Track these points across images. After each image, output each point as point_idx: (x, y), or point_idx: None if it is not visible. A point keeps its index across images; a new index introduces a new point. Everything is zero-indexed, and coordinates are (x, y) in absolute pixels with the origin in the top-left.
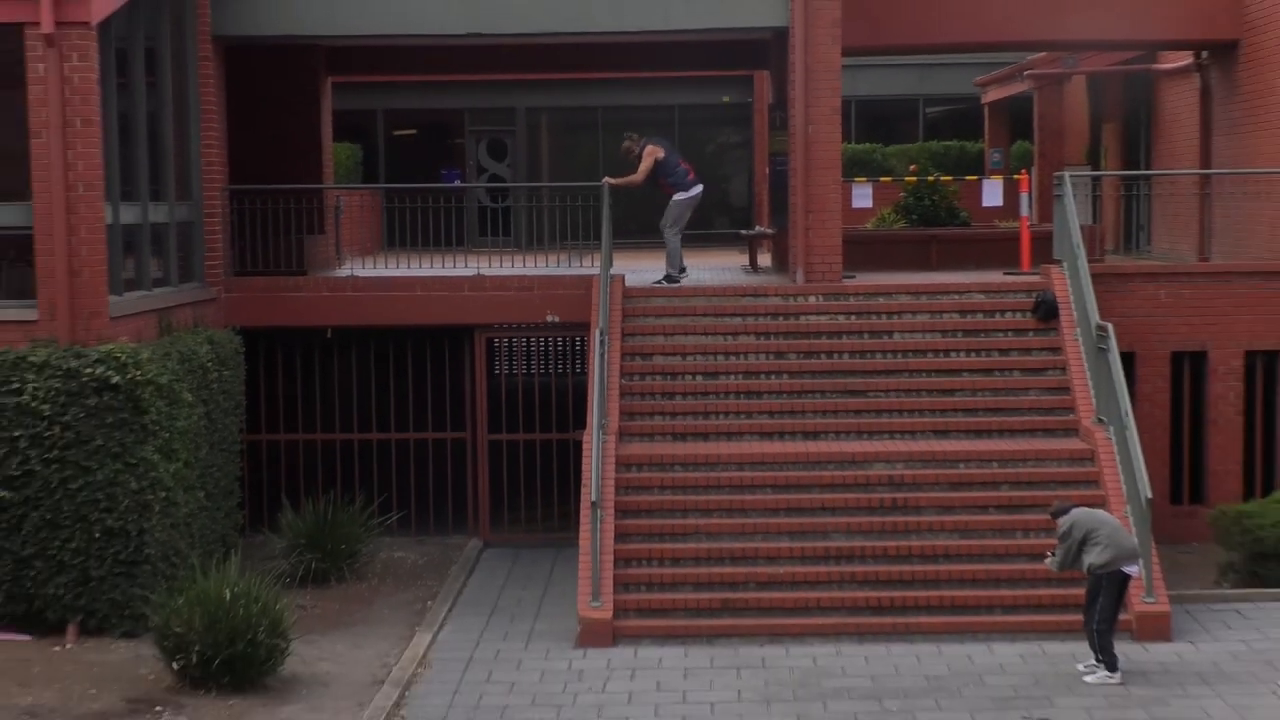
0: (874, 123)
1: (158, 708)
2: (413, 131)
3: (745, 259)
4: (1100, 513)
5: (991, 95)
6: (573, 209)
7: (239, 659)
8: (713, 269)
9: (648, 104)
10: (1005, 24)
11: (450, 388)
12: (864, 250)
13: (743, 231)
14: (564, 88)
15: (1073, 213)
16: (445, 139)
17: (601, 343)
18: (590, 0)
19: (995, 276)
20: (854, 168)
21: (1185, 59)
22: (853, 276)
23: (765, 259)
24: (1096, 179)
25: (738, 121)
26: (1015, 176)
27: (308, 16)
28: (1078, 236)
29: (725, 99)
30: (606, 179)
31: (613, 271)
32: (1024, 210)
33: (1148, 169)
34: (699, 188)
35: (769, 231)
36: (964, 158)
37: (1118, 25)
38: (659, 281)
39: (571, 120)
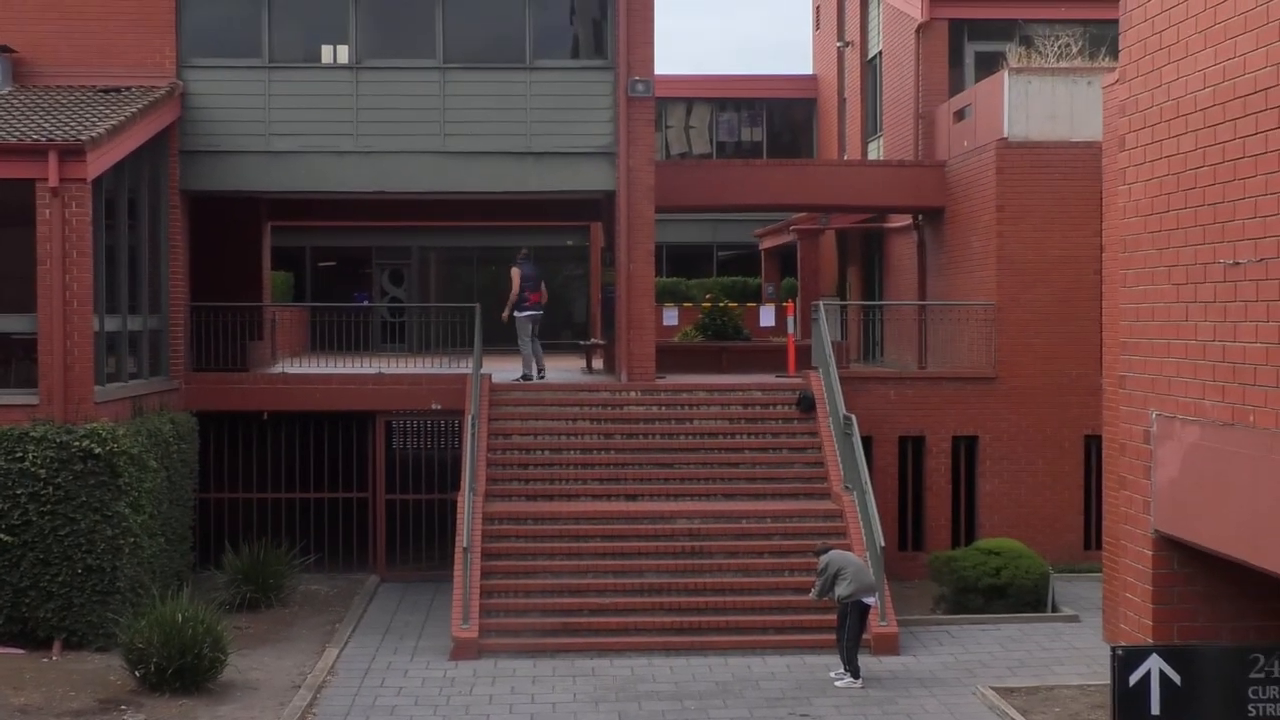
0: (680, 262)
1: (122, 706)
2: (332, 263)
3: (584, 363)
4: (849, 554)
5: (767, 243)
6: (452, 323)
7: (188, 668)
8: (558, 371)
9: (511, 244)
10: (776, 193)
11: (357, 457)
12: (671, 357)
13: (581, 342)
14: (448, 232)
15: (825, 332)
16: (357, 268)
17: (473, 424)
18: (469, 169)
19: (769, 378)
20: (664, 295)
21: (907, 220)
22: (664, 377)
23: (598, 363)
24: (844, 307)
25: (578, 259)
26: (784, 304)
27: (254, 176)
28: (829, 350)
29: (569, 242)
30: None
31: (482, 371)
32: (790, 329)
33: (881, 300)
34: (529, 311)
35: (601, 342)
36: (746, 289)
37: (858, 195)
38: (517, 379)
39: (453, 256)
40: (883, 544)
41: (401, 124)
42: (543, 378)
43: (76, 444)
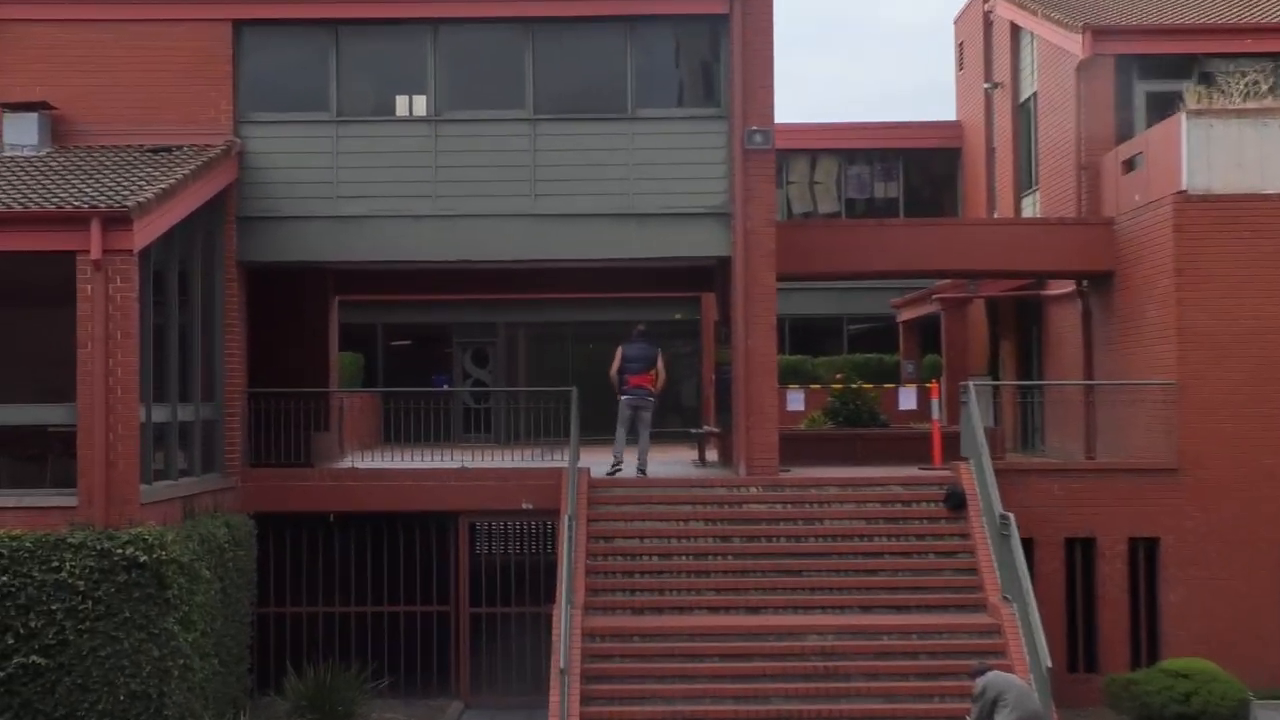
0: (805, 337)
1: None
2: (408, 342)
3: (695, 454)
4: (1011, 677)
5: (905, 315)
6: (544, 410)
7: None
8: (666, 463)
9: (610, 319)
10: (915, 257)
11: (436, 565)
12: (797, 447)
13: (692, 430)
14: (538, 306)
15: (976, 416)
16: (435, 348)
17: (570, 526)
18: (562, 233)
19: (911, 471)
20: (788, 375)
21: (1069, 286)
22: (788, 470)
23: (712, 454)
24: (997, 388)
25: (688, 334)
26: (927, 385)
27: (319, 245)
28: (981, 437)
29: (677, 315)
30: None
31: (580, 465)
32: (935, 414)
33: (1040, 379)
34: (628, 395)
35: (715, 430)
36: (882, 368)
37: (1011, 258)
38: (610, 472)
39: (545, 333)
40: (1049, 664)
41: (486, 183)
42: (642, 473)
43: (119, 551)
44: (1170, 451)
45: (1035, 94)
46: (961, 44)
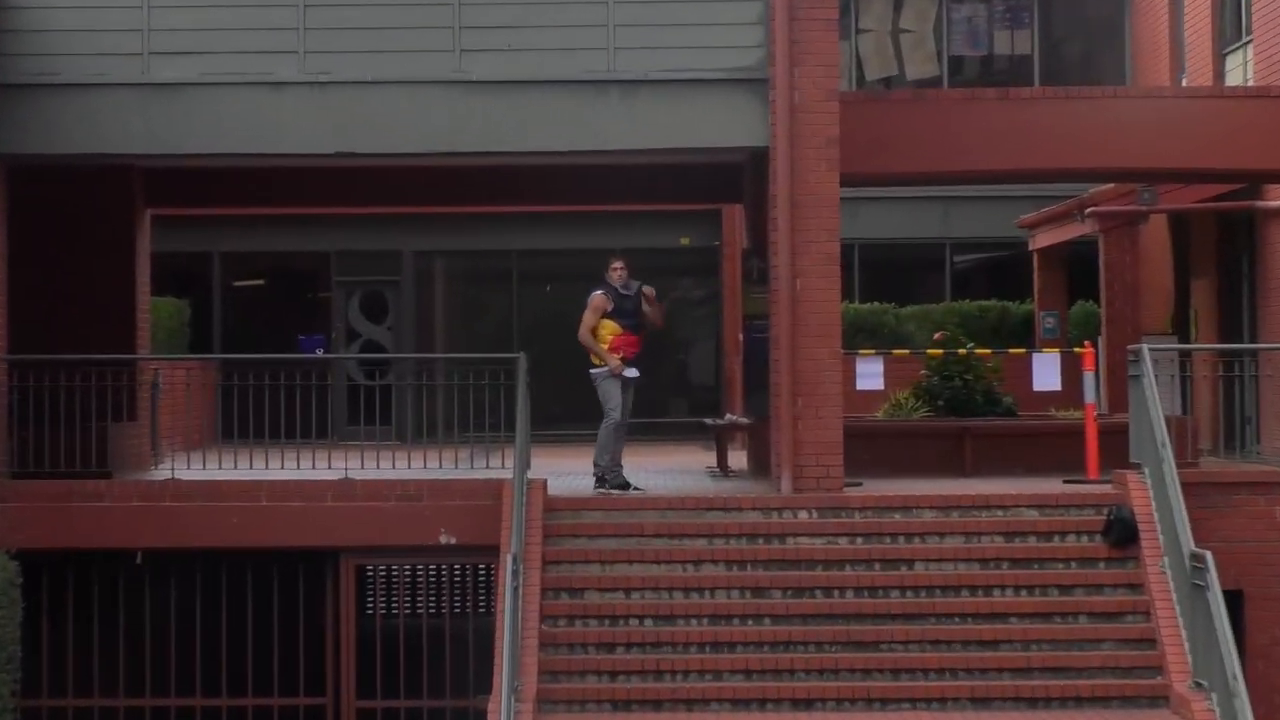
0: (885, 274)
1: None
2: (259, 282)
3: (711, 458)
4: None
5: (1042, 239)
6: (477, 389)
7: None
8: (668, 471)
9: (579, 247)
10: (1058, 147)
11: (306, 633)
12: (873, 448)
13: (708, 421)
14: (467, 225)
15: (1155, 400)
16: (304, 292)
17: (514, 573)
18: (505, 112)
19: (1052, 486)
20: (858, 335)
21: None
22: (859, 484)
23: (738, 458)
24: (1187, 354)
25: (699, 271)
26: (1077, 349)
27: (121, 130)
28: (1163, 433)
29: (683, 240)
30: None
31: (531, 475)
32: (1089, 395)
33: (1254, 340)
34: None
35: (743, 421)
36: (1007, 322)
37: (1208, 150)
38: (599, 491)
39: (476, 269)
40: None
41: (384, 32)
42: (603, 483)
43: None
44: None
45: None
46: None
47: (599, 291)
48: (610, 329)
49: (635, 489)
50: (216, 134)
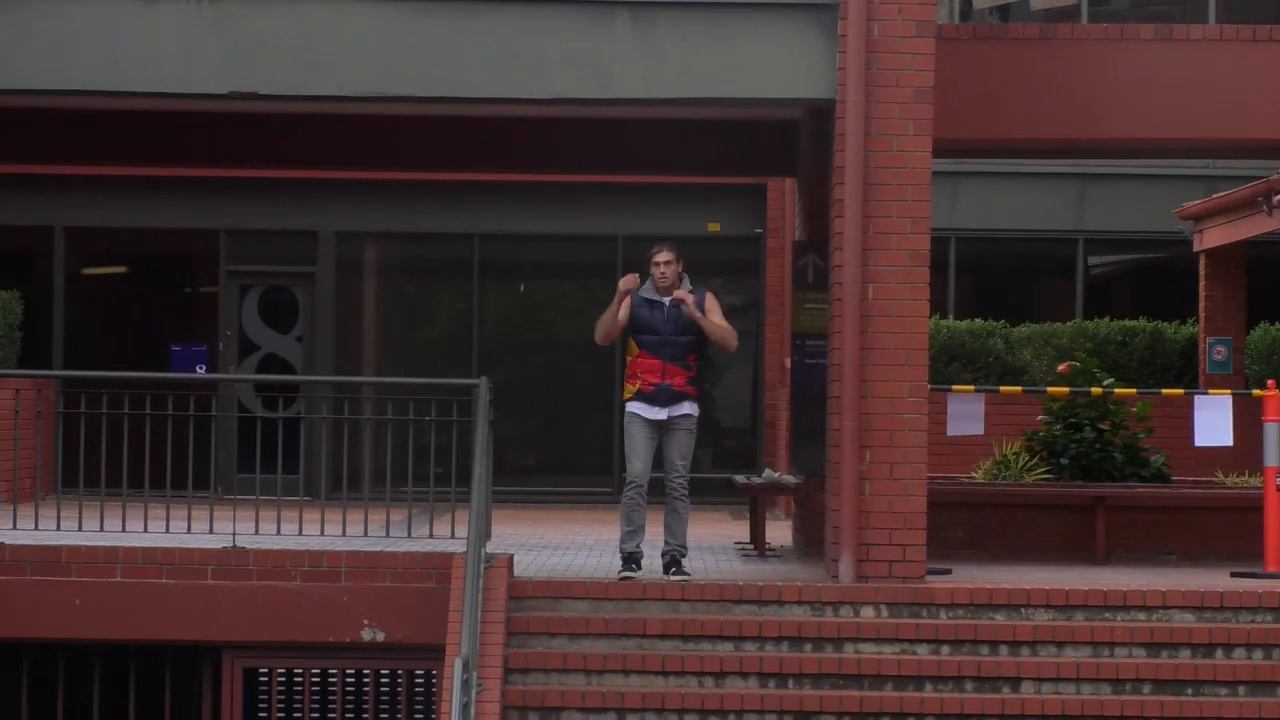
0: (993, 280)
1: None
2: (119, 269)
3: (743, 530)
4: None
5: (1213, 236)
6: (420, 426)
7: None
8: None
9: (567, 232)
10: (1235, 109)
11: None
12: (969, 521)
13: (739, 479)
14: (412, 198)
15: None
16: (181, 286)
17: (465, 685)
18: (458, 45)
19: (1216, 580)
20: (953, 364)
21: None
22: (947, 572)
23: (780, 530)
24: None
25: (734, 270)
26: (1257, 391)
27: None
28: None
29: (712, 227)
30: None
31: (491, 548)
32: (1270, 456)
33: None
34: (642, 402)
35: (788, 481)
36: (1160, 351)
37: None
38: (623, 575)
39: (424, 258)
40: None
41: None
42: (680, 573)
43: None
44: None
45: None
46: None
47: (627, 276)
48: (631, 347)
49: (628, 571)
50: (62, 63)
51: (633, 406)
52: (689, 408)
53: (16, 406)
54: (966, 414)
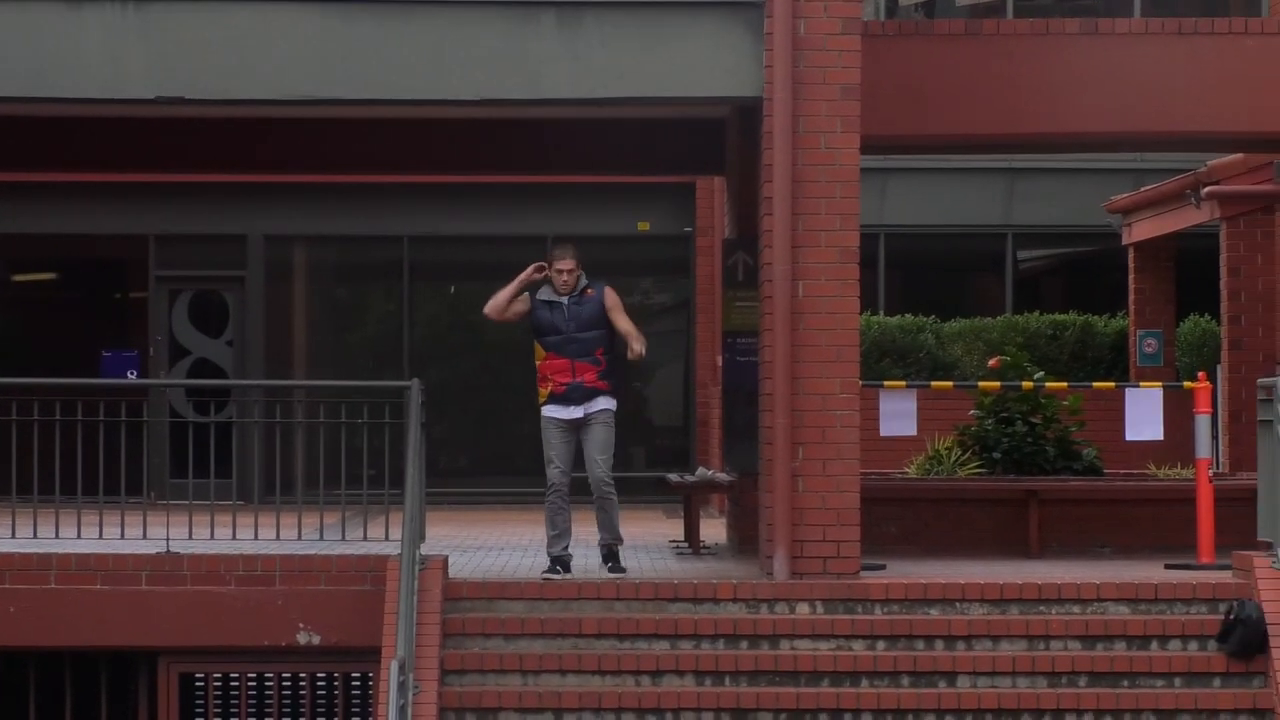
0: (922, 276)
1: None
2: (49, 276)
3: (677, 529)
4: None
5: (1141, 229)
6: (352, 429)
7: None
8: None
9: (497, 233)
10: (1162, 104)
11: None
12: (903, 517)
13: (673, 478)
14: (341, 200)
15: None
16: (110, 291)
17: (401, 687)
18: (390, 46)
19: (1150, 572)
20: (884, 360)
21: None
22: (881, 567)
23: (714, 528)
24: None
25: (664, 269)
26: (1187, 383)
27: None
28: None
29: (641, 226)
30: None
31: (426, 550)
32: (1201, 448)
33: None
34: (556, 405)
35: (721, 478)
36: (1090, 345)
37: None
38: (547, 574)
39: (354, 260)
40: None
41: None
42: (615, 569)
43: None
44: None
45: None
46: None
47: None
48: (538, 350)
49: (551, 573)
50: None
51: (547, 410)
52: (604, 402)
53: None
54: (899, 412)
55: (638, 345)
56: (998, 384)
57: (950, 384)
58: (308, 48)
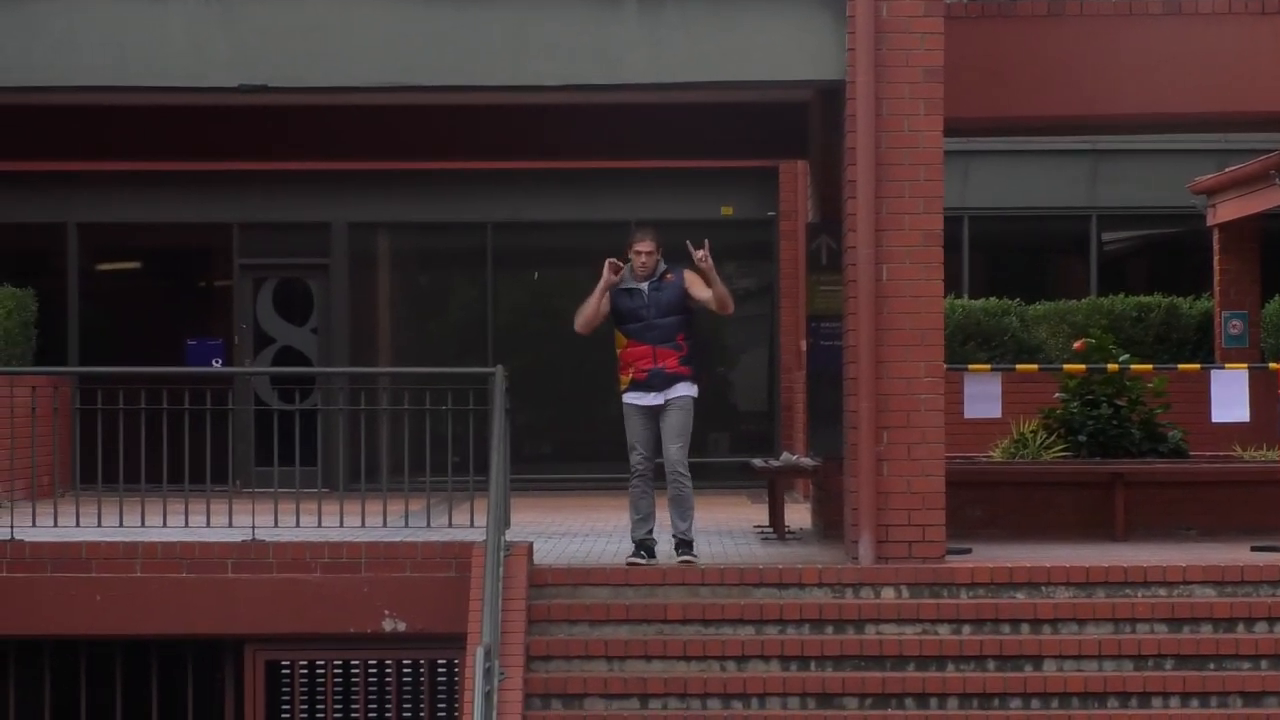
0: (1007, 259)
1: None
2: (133, 265)
3: (762, 514)
4: None
5: (1227, 210)
6: (436, 416)
7: None
8: (703, 532)
9: (580, 219)
10: (1249, 82)
11: None
12: (988, 501)
13: (757, 462)
14: (424, 188)
15: None
16: (195, 280)
17: (487, 673)
18: (469, 34)
19: (1236, 554)
20: (969, 343)
21: None
22: (967, 551)
23: (799, 513)
24: None
25: (748, 254)
26: (1273, 365)
27: None
28: None
29: (725, 211)
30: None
31: (510, 537)
32: None
33: None
34: (639, 391)
35: (806, 463)
36: (1175, 327)
37: None
38: (633, 558)
39: (437, 247)
40: None
41: None
42: (685, 556)
43: None
44: None
45: None
46: None
47: (611, 263)
48: (619, 338)
49: (635, 558)
50: (72, 59)
51: (628, 397)
52: (684, 389)
53: (33, 404)
54: (983, 395)
55: (730, 304)
56: (1083, 367)
57: (1035, 367)
58: (387, 35)
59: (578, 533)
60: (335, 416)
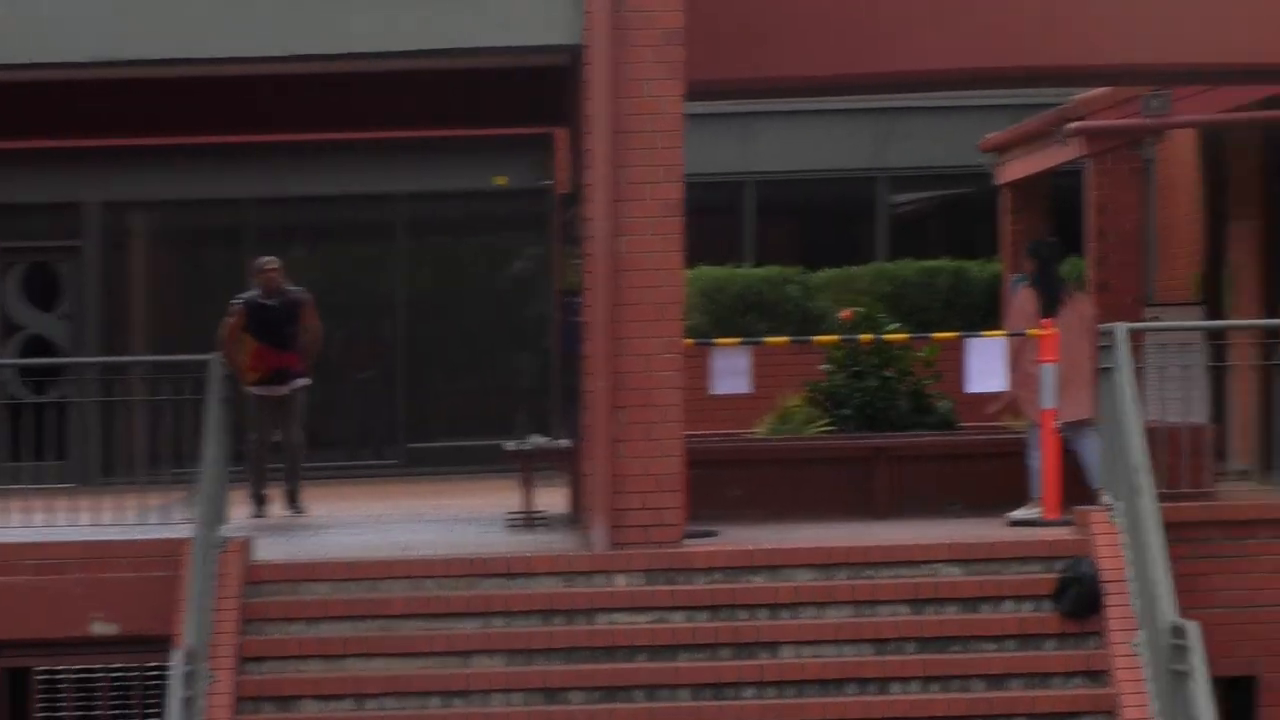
0: (791, 224)
1: None
2: None
3: (521, 496)
4: None
5: (1014, 169)
6: (177, 405)
7: None
8: (454, 520)
9: (348, 192)
10: (1033, 35)
11: None
12: (748, 480)
13: (508, 445)
14: (182, 164)
15: (1130, 402)
16: None
17: (187, 677)
18: (193, 11)
19: (991, 530)
20: (749, 313)
21: None
22: (712, 534)
23: (555, 497)
24: (1217, 339)
25: (523, 224)
26: (1031, 331)
27: None
28: (1139, 452)
29: (497, 180)
30: None
31: (227, 531)
32: (1046, 398)
33: None
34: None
35: (558, 445)
36: (964, 290)
37: (1241, 42)
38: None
39: (196, 225)
40: None
41: None
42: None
43: None
44: None
45: None
46: None
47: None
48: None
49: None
50: None
51: (257, 390)
52: (303, 381)
53: None
54: (731, 369)
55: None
56: (836, 338)
57: (786, 340)
58: (111, 7)
59: (347, 524)
60: (89, 410)
